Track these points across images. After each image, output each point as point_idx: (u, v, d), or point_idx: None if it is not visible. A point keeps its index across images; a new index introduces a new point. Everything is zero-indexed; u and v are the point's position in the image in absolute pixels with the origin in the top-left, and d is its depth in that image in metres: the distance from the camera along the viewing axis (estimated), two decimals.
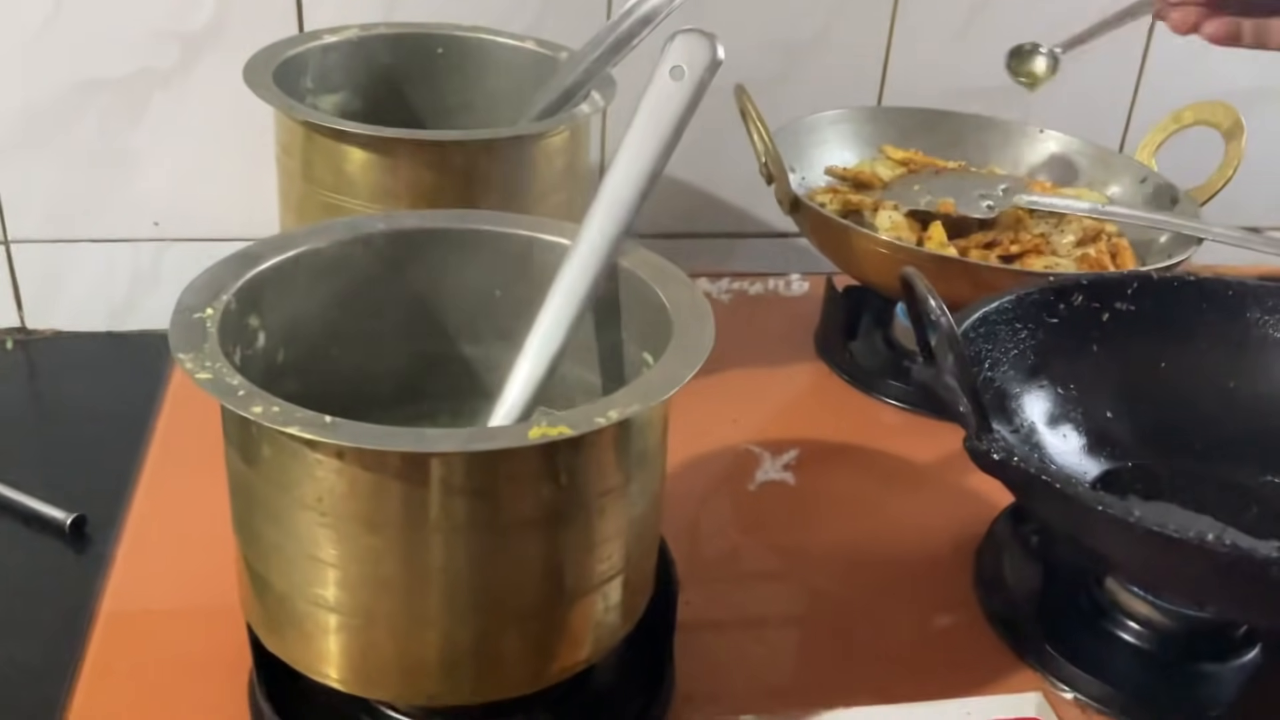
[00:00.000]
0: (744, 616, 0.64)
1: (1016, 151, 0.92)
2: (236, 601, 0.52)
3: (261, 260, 0.52)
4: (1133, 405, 0.68)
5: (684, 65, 0.55)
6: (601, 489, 0.46)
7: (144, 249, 0.92)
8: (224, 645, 0.56)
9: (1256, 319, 0.69)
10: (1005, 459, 0.53)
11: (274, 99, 0.68)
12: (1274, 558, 0.46)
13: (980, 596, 0.65)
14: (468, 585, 0.45)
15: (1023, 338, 0.67)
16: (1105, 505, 0.49)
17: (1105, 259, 0.79)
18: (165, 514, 0.68)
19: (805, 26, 0.94)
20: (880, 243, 0.74)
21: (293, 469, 0.44)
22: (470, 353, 0.60)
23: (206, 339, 0.46)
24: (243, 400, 0.42)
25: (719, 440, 0.77)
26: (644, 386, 0.45)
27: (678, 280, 0.53)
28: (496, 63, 0.81)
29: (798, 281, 0.97)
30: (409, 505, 0.43)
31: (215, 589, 0.56)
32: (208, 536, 0.57)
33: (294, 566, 0.46)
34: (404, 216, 0.57)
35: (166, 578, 0.63)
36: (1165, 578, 0.55)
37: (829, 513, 0.72)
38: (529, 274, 0.57)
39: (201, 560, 0.60)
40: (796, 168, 0.89)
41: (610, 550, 0.48)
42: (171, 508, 0.68)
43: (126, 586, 0.63)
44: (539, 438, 0.41)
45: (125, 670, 0.58)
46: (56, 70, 0.85)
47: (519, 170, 0.70)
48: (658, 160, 0.55)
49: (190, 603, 0.61)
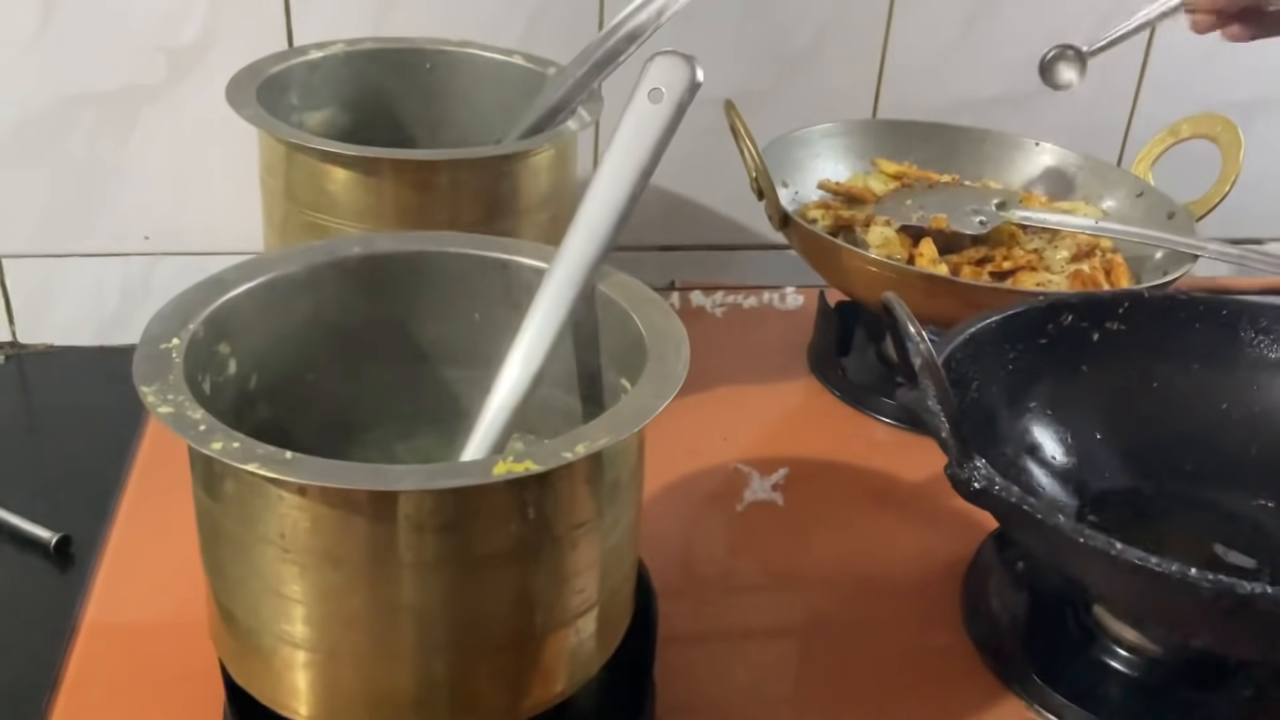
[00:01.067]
0: (727, 639, 0.63)
1: (1012, 164, 0.91)
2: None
3: (231, 287, 0.51)
4: (1124, 427, 0.67)
5: (663, 87, 0.54)
6: (573, 522, 0.46)
7: (134, 263, 0.92)
8: (202, 662, 0.55)
9: (1250, 339, 0.68)
10: (986, 488, 0.52)
11: (256, 118, 0.67)
12: (1257, 593, 0.46)
13: (967, 621, 0.64)
14: (434, 621, 0.44)
15: (1011, 358, 0.66)
16: (1086, 537, 0.48)
17: (1099, 275, 0.78)
18: (148, 531, 0.68)
19: (799, 39, 0.93)
20: (869, 260, 0.74)
21: (255, 505, 0.43)
22: (451, 375, 0.59)
23: (172, 370, 0.45)
24: (203, 436, 0.41)
25: (708, 459, 0.76)
26: (614, 419, 0.44)
27: (654, 305, 0.53)
28: (485, 77, 0.81)
29: (793, 295, 0.96)
30: (372, 541, 0.42)
31: (195, 607, 0.55)
32: (189, 554, 0.56)
33: (260, 601, 0.45)
34: (379, 239, 0.56)
35: (147, 595, 0.63)
36: (1148, 610, 0.54)
37: (817, 534, 0.71)
38: (508, 297, 0.57)
39: (182, 578, 0.59)
40: (789, 182, 0.88)
41: (583, 583, 0.47)
42: (154, 525, 0.67)
43: (107, 603, 0.63)
44: (504, 474, 0.41)
45: (104, 685, 0.58)
46: (45, 85, 0.85)
47: (504, 188, 0.70)
48: (636, 184, 0.55)
49: (170, 619, 0.61)
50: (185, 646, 0.58)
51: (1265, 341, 0.67)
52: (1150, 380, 0.68)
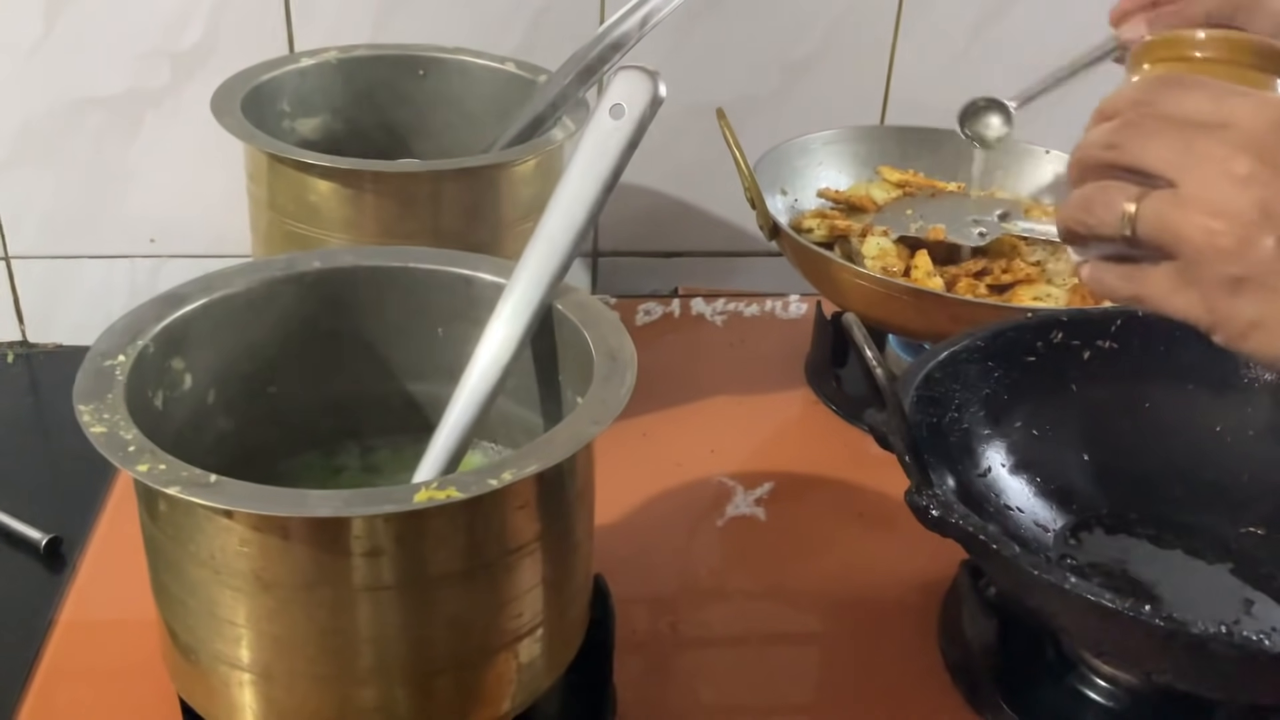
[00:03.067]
0: (693, 655, 0.63)
1: (1021, 172, 0.89)
2: None
3: (186, 302, 0.51)
4: (1112, 448, 0.66)
5: (624, 103, 0.54)
6: (509, 546, 0.45)
7: (141, 265, 0.93)
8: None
9: (1246, 360, 0.65)
10: (943, 516, 0.51)
11: (237, 128, 0.68)
12: (1211, 634, 0.44)
13: (943, 646, 0.63)
14: (363, 645, 0.44)
15: (996, 377, 0.65)
16: (1042, 571, 0.47)
17: None
18: (132, 534, 0.68)
19: (805, 43, 0.92)
20: (856, 273, 0.72)
21: (188, 526, 0.43)
22: (414, 389, 0.59)
23: (113, 388, 0.45)
24: (130, 457, 0.41)
25: (693, 472, 0.76)
26: (546, 445, 0.44)
27: (608, 325, 0.52)
28: (477, 84, 0.81)
29: (796, 303, 0.95)
30: (296, 565, 0.42)
31: None
32: None
33: (197, 621, 0.45)
34: (340, 254, 0.56)
35: (124, 596, 0.64)
36: (1107, 646, 0.53)
37: (797, 551, 0.70)
38: (469, 313, 0.56)
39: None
40: (789, 190, 0.87)
41: (522, 606, 0.47)
42: (137, 529, 0.68)
43: (85, 602, 0.64)
44: (424, 501, 0.40)
45: (74, 681, 0.59)
46: (51, 89, 0.86)
47: (486, 199, 0.70)
48: (596, 201, 0.54)
49: (142, 619, 0.61)
50: (155, 648, 0.58)
51: (1260, 363, 0.65)
52: (1142, 401, 0.66)
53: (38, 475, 0.81)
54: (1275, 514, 0.62)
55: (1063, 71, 0.77)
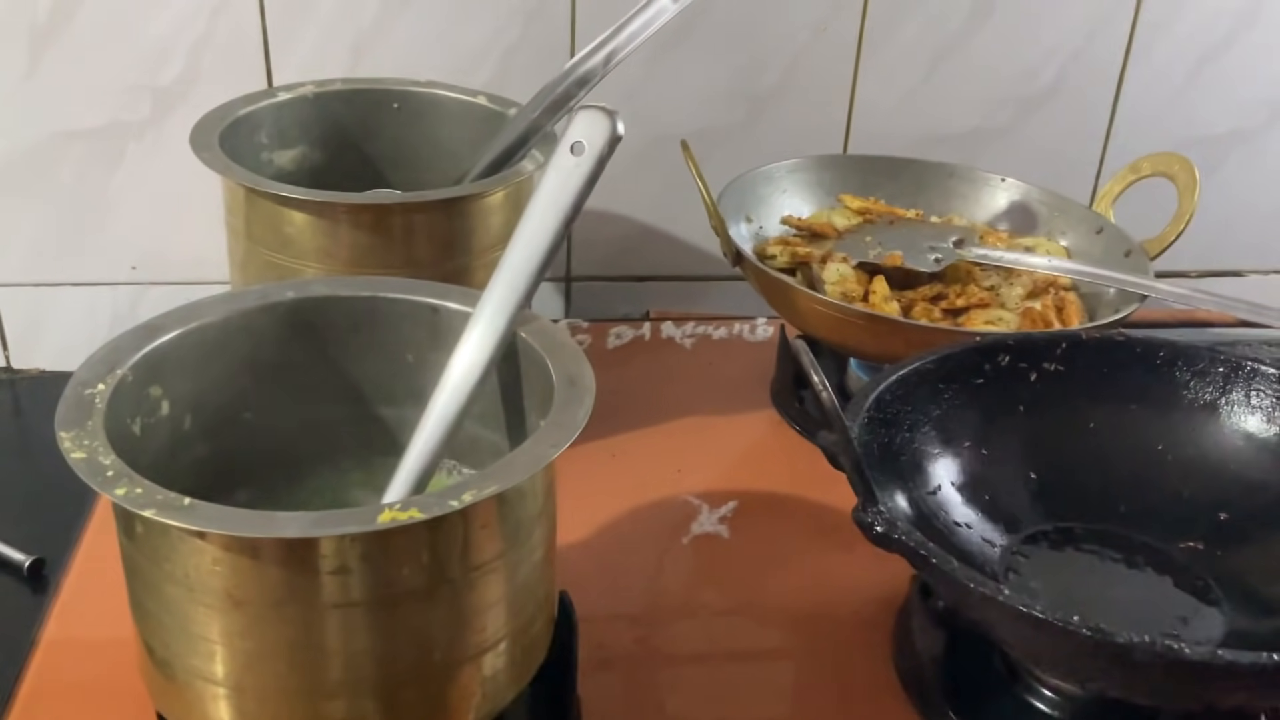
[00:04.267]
0: (656, 669, 0.65)
1: (978, 200, 0.92)
2: None
3: (163, 332, 0.54)
4: (1059, 466, 0.68)
5: (584, 140, 0.56)
6: (471, 564, 0.48)
7: (122, 292, 0.95)
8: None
9: (1186, 381, 0.68)
10: (887, 532, 0.53)
11: (214, 161, 0.70)
12: (1134, 642, 0.47)
13: (896, 659, 0.65)
14: (332, 659, 0.46)
15: (946, 398, 0.67)
16: (976, 584, 0.50)
17: (1050, 314, 0.79)
18: (113, 551, 0.70)
19: (769, 76, 0.95)
20: (814, 299, 0.75)
21: (162, 546, 0.45)
22: (386, 414, 0.62)
23: (92, 415, 0.48)
24: (109, 481, 0.44)
25: (660, 491, 0.78)
26: (506, 467, 0.46)
27: (568, 352, 0.55)
28: (450, 116, 0.83)
29: (763, 326, 0.97)
30: (266, 583, 0.44)
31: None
32: None
33: (173, 637, 0.48)
34: (313, 284, 0.59)
35: (104, 615, 0.65)
36: (1042, 656, 0.55)
37: (759, 567, 0.73)
38: (438, 340, 0.59)
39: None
40: (754, 217, 0.89)
41: (486, 621, 0.49)
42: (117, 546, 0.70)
43: (67, 621, 0.66)
44: (388, 522, 0.43)
45: (56, 700, 0.61)
46: (35, 121, 0.89)
47: (457, 229, 0.72)
48: (557, 233, 0.57)
49: (121, 637, 0.63)
50: (135, 666, 0.60)
51: (1200, 384, 0.68)
52: (1087, 421, 0.69)
53: (21, 498, 0.82)
54: (1213, 529, 0.65)
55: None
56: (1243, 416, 0.67)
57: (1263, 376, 0.67)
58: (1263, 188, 1.03)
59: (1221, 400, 0.68)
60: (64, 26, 0.86)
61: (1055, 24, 0.96)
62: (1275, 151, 1.02)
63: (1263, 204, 1.04)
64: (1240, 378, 0.67)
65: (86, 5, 0.85)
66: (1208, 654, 0.46)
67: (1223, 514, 0.65)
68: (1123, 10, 0.96)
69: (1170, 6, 0.96)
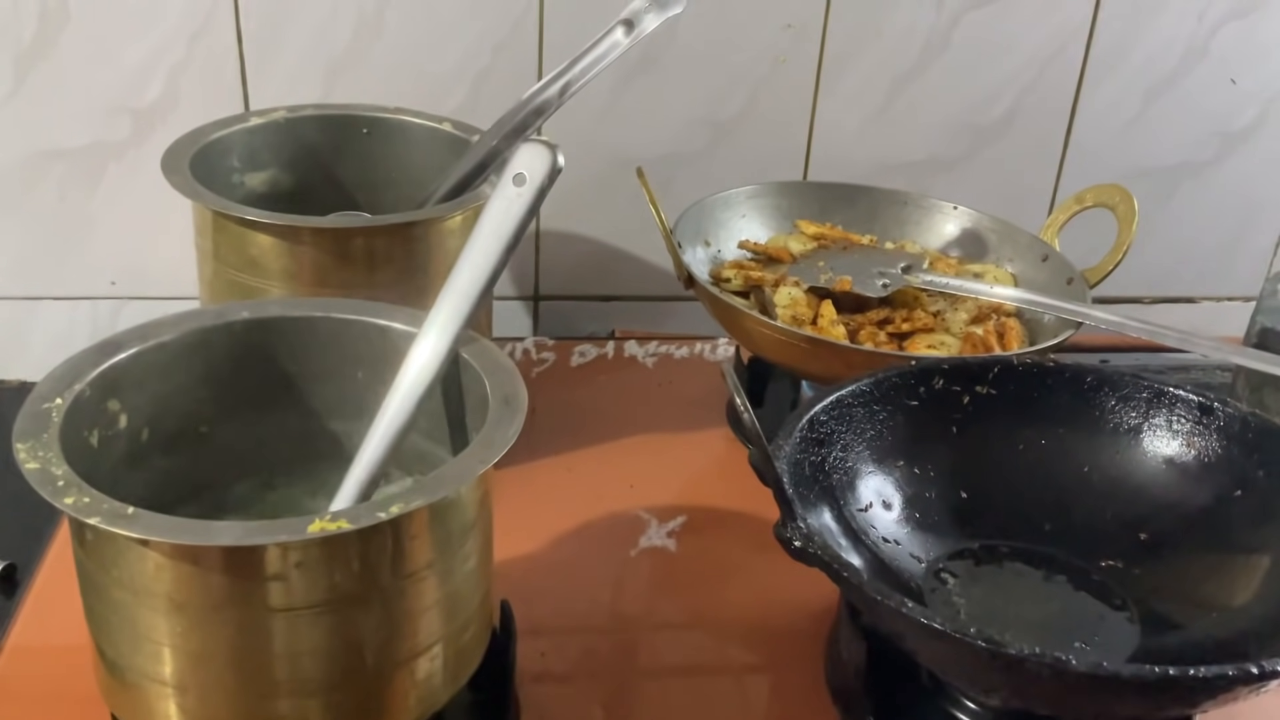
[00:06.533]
0: (593, 680, 0.68)
1: (931, 227, 0.95)
2: None
3: (123, 348, 0.57)
4: (988, 486, 0.71)
5: (526, 172, 0.59)
6: (402, 572, 0.51)
7: (102, 306, 0.98)
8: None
9: (1111, 406, 0.71)
10: (804, 546, 0.56)
11: (183, 186, 0.73)
12: (1026, 654, 0.49)
13: (826, 670, 0.68)
14: (270, 661, 0.49)
15: (881, 419, 0.70)
16: (883, 595, 0.53)
17: (991, 339, 0.82)
18: None
19: (731, 103, 0.98)
20: (761, 323, 0.78)
21: (110, 553, 0.48)
22: (338, 427, 0.64)
23: (48, 428, 0.51)
24: (58, 490, 0.47)
25: (612, 505, 0.81)
26: (435, 481, 0.49)
27: (506, 373, 0.58)
28: (417, 142, 0.86)
29: (724, 346, 1.00)
30: (206, 588, 0.47)
31: None
32: None
33: (121, 639, 0.50)
34: (269, 304, 0.62)
35: (72, 617, 0.68)
36: (946, 666, 0.58)
37: (703, 580, 0.75)
38: (386, 358, 0.62)
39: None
40: (712, 241, 0.92)
41: (418, 627, 0.52)
42: None
43: (35, 623, 0.68)
44: (317, 532, 0.45)
45: (20, 698, 0.63)
46: (18, 141, 0.92)
47: (417, 252, 0.75)
48: (499, 260, 0.60)
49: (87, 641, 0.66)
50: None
51: (1124, 409, 0.71)
52: (1016, 443, 0.72)
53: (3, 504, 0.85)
54: (1133, 549, 0.68)
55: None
56: (1164, 441, 0.70)
57: (1184, 403, 0.70)
58: (1213, 218, 1.06)
59: (1144, 425, 0.70)
60: (47, 49, 0.89)
61: (1010, 56, 0.99)
62: (1224, 183, 1.05)
63: (1213, 233, 1.07)
64: (1163, 404, 0.70)
65: (69, 29, 0.89)
66: (1093, 665, 0.49)
67: (1142, 534, 0.68)
68: (1075, 43, 0.99)
69: (1122, 41, 0.99)
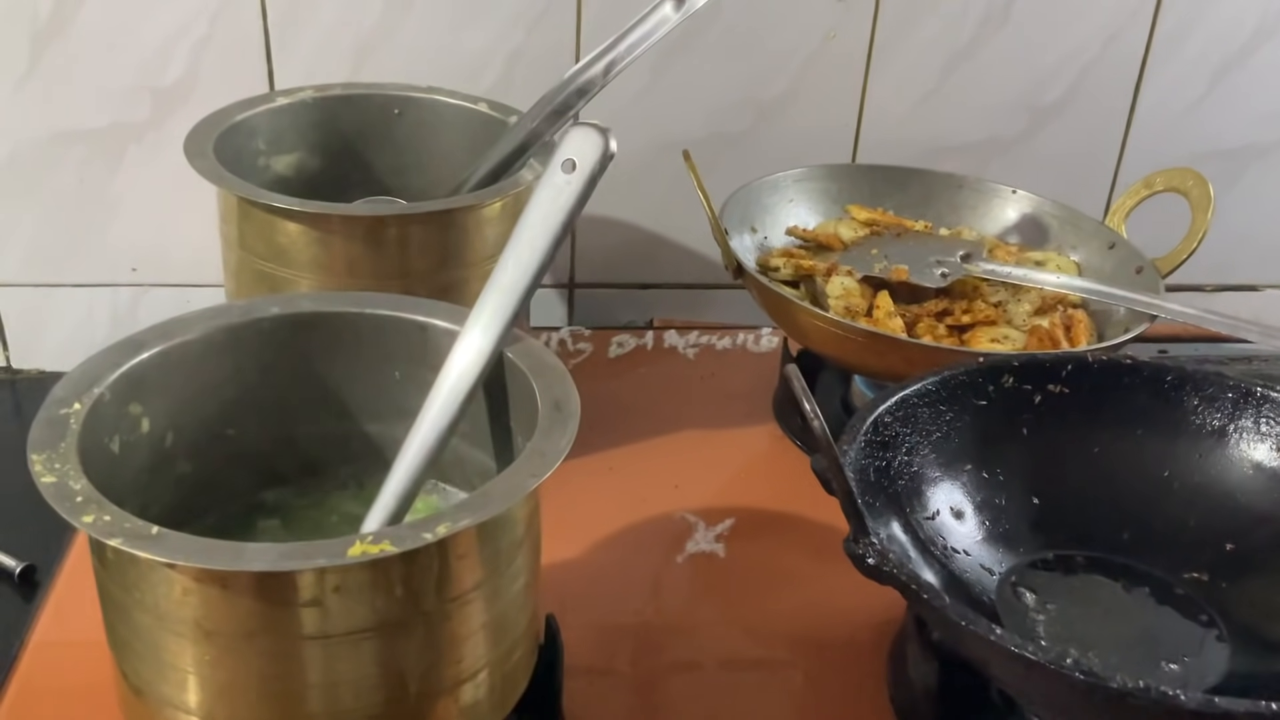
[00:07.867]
0: (641, 692, 0.64)
1: (989, 212, 0.91)
2: None
3: (145, 348, 0.53)
4: (1061, 492, 0.66)
5: (575, 158, 0.55)
6: (448, 596, 0.47)
7: (122, 293, 0.95)
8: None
9: (1194, 406, 0.67)
10: (879, 564, 0.52)
11: (208, 170, 0.69)
12: (1129, 688, 0.45)
13: (891, 688, 0.64)
14: (304, 691, 0.45)
15: (948, 420, 0.66)
16: (968, 621, 0.48)
17: (1058, 332, 0.77)
18: None
19: (777, 83, 0.93)
20: (814, 315, 0.74)
21: (132, 574, 0.45)
22: (373, 430, 0.61)
23: (66, 436, 0.47)
24: (77, 508, 0.43)
25: (656, 507, 0.77)
26: (482, 498, 0.45)
27: (555, 374, 0.54)
28: (451, 123, 0.82)
29: (767, 337, 0.96)
30: (237, 614, 0.43)
31: None
32: None
33: (144, 664, 0.47)
34: (299, 299, 0.58)
35: (93, 617, 0.65)
36: (1034, 696, 0.54)
37: (754, 588, 0.71)
38: (425, 357, 0.58)
39: None
40: (759, 227, 0.88)
41: (463, 653, 0.48)
42: None
43: (56, 623, 0.66)
44: (358, 556, 0.42)
45: (47, 694, 0.61)
46: (36, 122, 0.88)
47: (453, 240, 0.71)
48: (548, 252, 0.56)
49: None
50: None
51: (1208, 410, 0.66)
52: (1091, 445, 0.67)
53: (16, 503, 0.82)
54: (1218, 561, 0.63)
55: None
56: (1251, 444, 0.65)
57: (1272, 403, 0.65)
58: (1278, 202, 1.01)
59: (1230, 427, 0.66)
60: (65, 27, 0.85)
61: (1070, 32, 0.94)
62: None
63: (1278, 218, 1.02)
64: (1250, 404, 0.66)
65: (87, 6, 0.85)
66: (1203, 702, 0.45)
67: (1229, 544, 0.64)
68: (1139, 20, 0.94)
69: (1188, 18, 0.94)
